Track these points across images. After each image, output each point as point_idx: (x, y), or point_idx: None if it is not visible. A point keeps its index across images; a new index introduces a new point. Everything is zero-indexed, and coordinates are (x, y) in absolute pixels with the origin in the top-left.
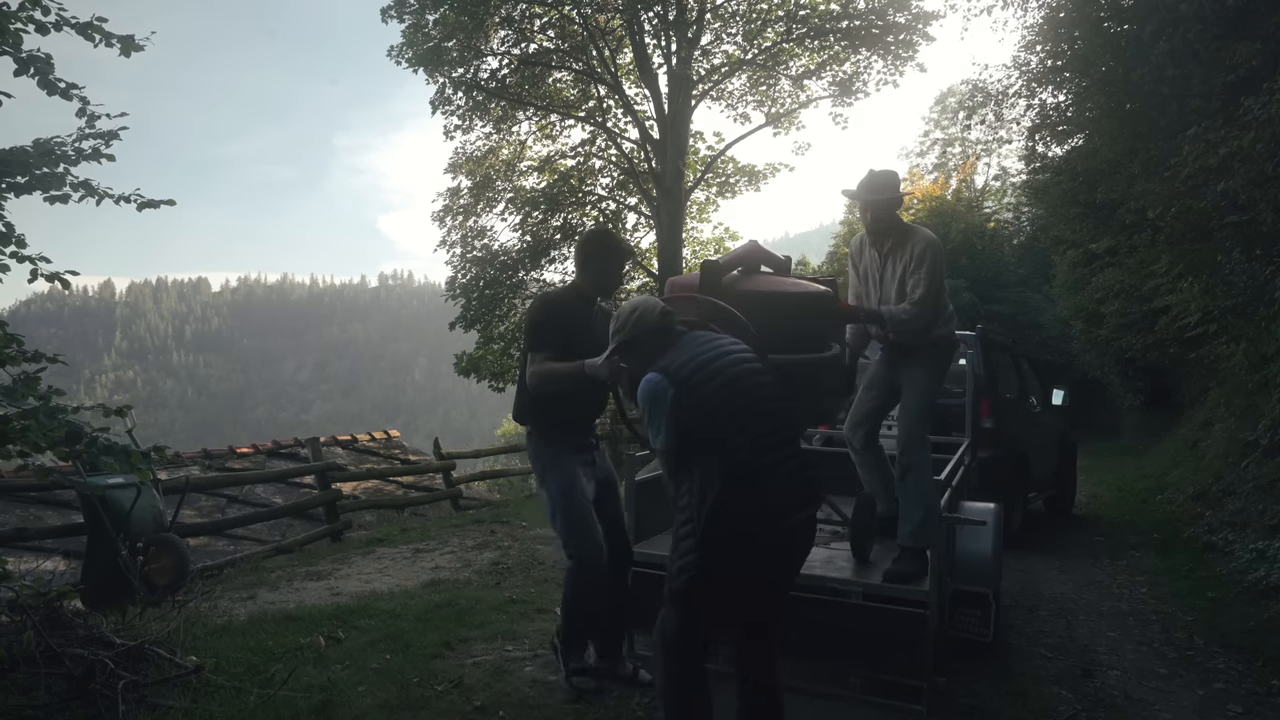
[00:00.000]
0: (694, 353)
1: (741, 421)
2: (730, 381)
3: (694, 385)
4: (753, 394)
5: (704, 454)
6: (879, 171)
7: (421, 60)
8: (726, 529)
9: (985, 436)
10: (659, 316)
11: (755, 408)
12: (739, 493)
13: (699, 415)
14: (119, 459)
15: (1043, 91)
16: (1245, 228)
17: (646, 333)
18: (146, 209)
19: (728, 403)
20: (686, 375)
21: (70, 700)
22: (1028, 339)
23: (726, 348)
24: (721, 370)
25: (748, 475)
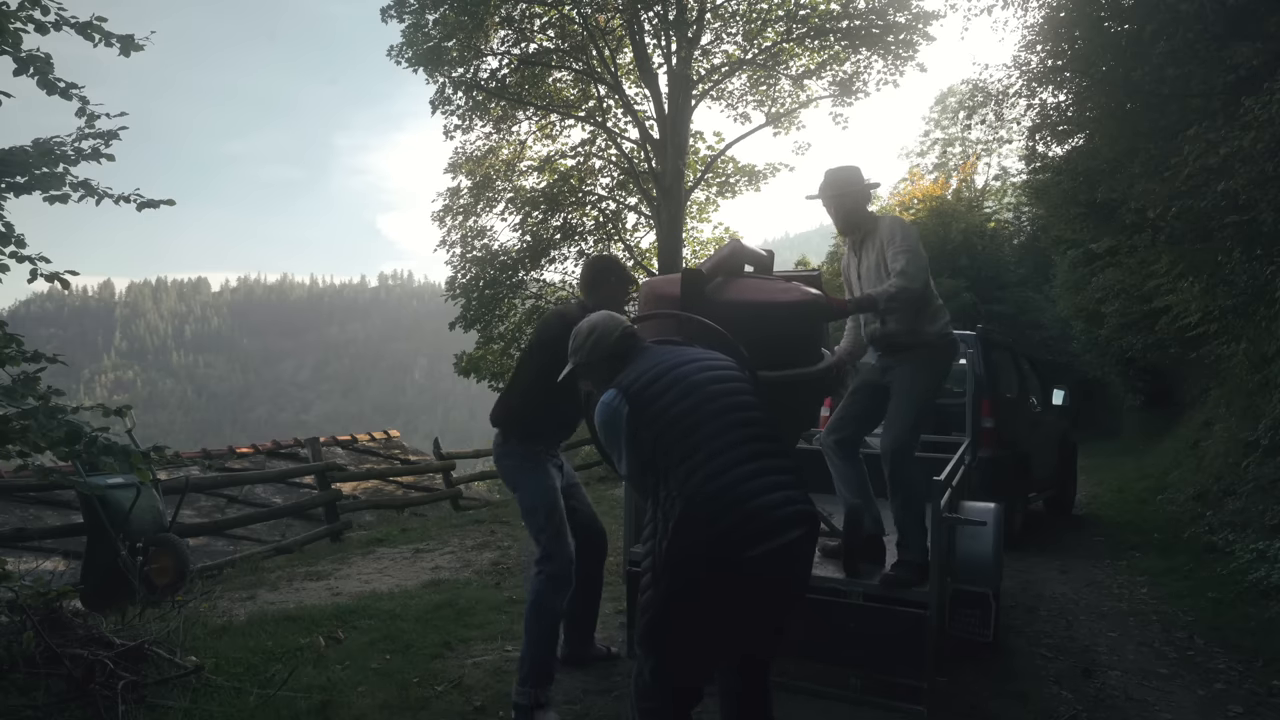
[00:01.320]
0: (653, 363)
1: (707, 431)
2: (691, 389)
3: (649, 396)
4: (720, 400)
5: (666, 473)
6: (837, 168)
7: (421, 60)
8: (684, 561)
9: (985, 436)
10: (617, 341)
11: (725, 415)
12: (699, 516)
13: (656, 428)
14: (119, 459)
15: (1043, 91)
16: (1245, 228)
17: (603, 358)
18: (146, 209)
19: (689, 411)
20: (640, 387)
21: (70, 700)
22: (1028, 339)
23: (690, 355)
24: (681, 378)
25: (714, 494)
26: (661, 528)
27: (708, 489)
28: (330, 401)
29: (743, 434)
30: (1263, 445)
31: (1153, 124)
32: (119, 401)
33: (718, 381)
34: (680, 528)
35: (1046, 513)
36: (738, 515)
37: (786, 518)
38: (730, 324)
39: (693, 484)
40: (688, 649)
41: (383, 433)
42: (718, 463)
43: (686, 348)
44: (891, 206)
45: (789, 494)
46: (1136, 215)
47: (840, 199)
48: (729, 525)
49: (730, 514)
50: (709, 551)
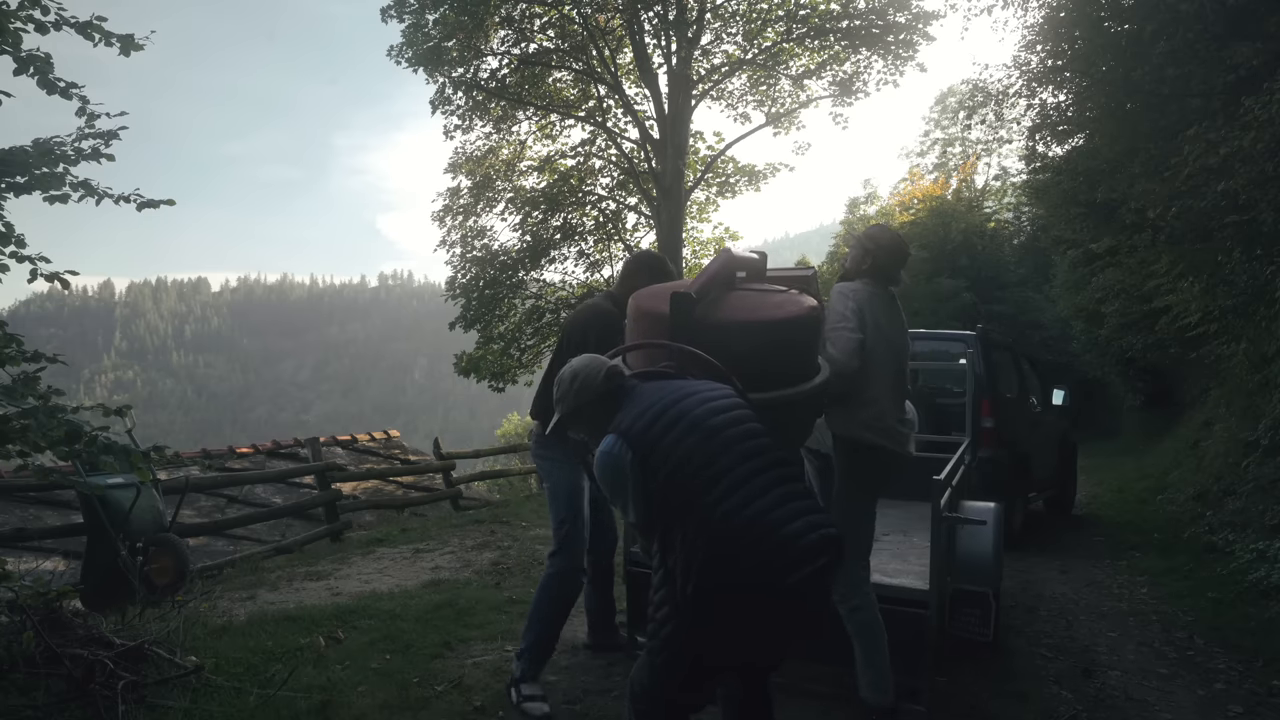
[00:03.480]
0: (649, 402)
1: (723, 464)
2: (696, 424)
3: (652, 437)
4: (728, 431)
5: (683, 514)
6: (886, 228)
7: (421, 60)
8: (715, 597)
9: (985, 436)
10: (603, 381)
11: (736, 446)
12: (728, 552)
13: (667, 469)
14: (119, 459)
15: (1043, 91)
16: (1245, 228)
17: (591, 402)
18: (146, 209)
19: (698, 448)
20: (642, 429)
21: (70, 700)
22: (1028, 339)
23: (685, 389)
24: (683, 414)
25: (742, 527)
26: (683, 570)
27: (734, 523)
28: (330, 401)
29: (759, 463)
30: (1263, 445)
31: (1153, 124)
32: (119, 401)
33: (721, 412)
34: (708, 567)
35: (1046, 513)
36: (770, 545)
37: (814, 544)
38: (724, 346)
39: (716, 521)
40: (700, 674)
41: (383, 433)
42: (740, 495)
43: (678, 381)
44: (891, 207)
45: (811, 519)
46: (1136, 215)
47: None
48: (763, 556)
49: (763, 545)
50: (743, 582)
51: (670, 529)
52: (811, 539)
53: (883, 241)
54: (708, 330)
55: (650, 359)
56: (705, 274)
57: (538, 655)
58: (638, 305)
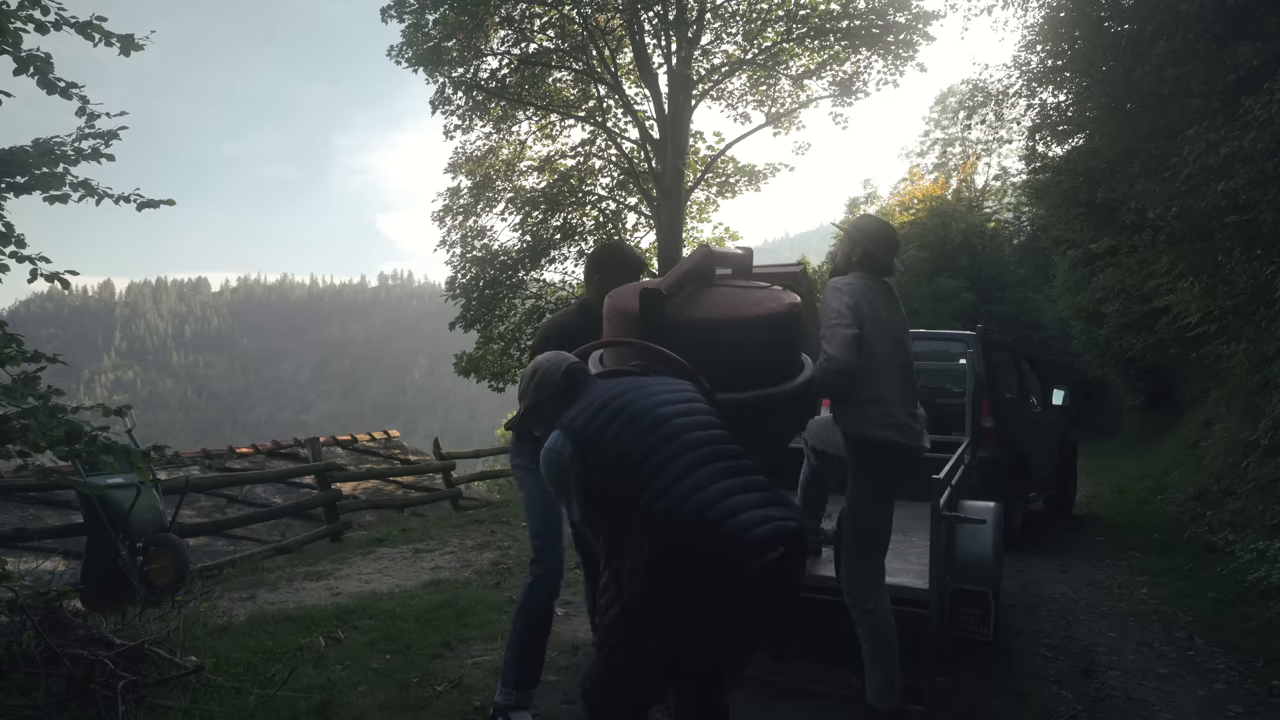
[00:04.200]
0: (594, 397)
1: (659, 460)
2: (638, 415)
3: (593, 431)
4: (672, 422)
5: (624, 511)
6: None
7: (421, 60)
8: (664, 598)
9: (985, 436)
10: (563, 376)
11: (678, 438)
12: (672, 551)
13: (606, 466)
14: (119, 459)
15: (1043, 91)
16: (1245, 228)
17: (550, 396)
18: (146, 209)
19: (636, 442)
20: (583, 424)
21: (70, 700)
22: (1028, 339)
23: (638, 384)
24: (625, 406)
25: (683, 524)
26: (630, 571)
27: (678, 518)
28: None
29: (703, 453)
30: (1263, 445)
31: (1153, 124)
32: (119, 401)
33: (668, 405)
34: (654, 567)
35: (1046, 513)
36: (716, 539)
37: (766, 536)
38: (697, 345)
39: (659, 517)
40: (652, 674)
41: (383, 433)
42: (681, 489)
43: (635, 377)
44: (891, 207)
45: (765, 511)
46: (1136, 215)
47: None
48: (711, 552)
49: (710, 540)
50: (691, 580)
51: (614, 528)
52: (763, 531)
53: (870, 230)
54: (681, 328)
55: (621, 358)
56: (679, 270)
57: (526, 676)
58: (611, 303)
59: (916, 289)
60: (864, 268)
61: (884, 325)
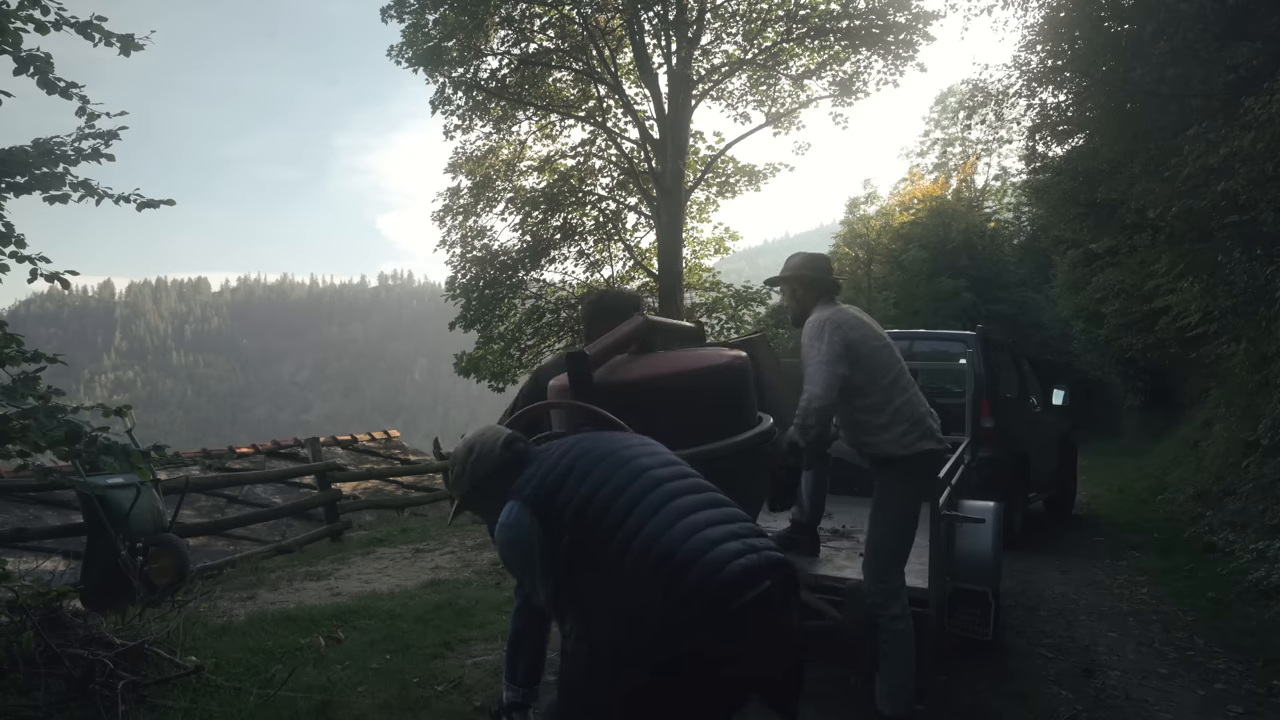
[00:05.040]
0: (544, 458)
1: (630, 496)
2: (599, 459)
3: (550, 487)
4: (637, 461)
5: (595, 569)
6: (802, 252)
7: (421, 60)
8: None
9: (985, 435)
10: (502, 449)
11: (646, 473)
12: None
13: (570, 515)
14: (119, 459)
15: (1043, 91)
16: (1245, 227)
17: (489, 474)
18: (146, 209)
19: (603, 481)
20: (539, 481)
21: (70, 700)
22: (1028, 339)
23: (587, 436)
24: (584, 453)
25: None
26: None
27: (650, 557)
28: (330, 401)
29: (674, 487)
30: (1263, 445)
31: (1153, 124)
32: (119, 401)
33: (628, 446)
34: (632, 610)
35: (1046, 513)
36: (693, 574)
37: (749, 567)
38: (632, 407)
39: (631, 557)
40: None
41: (383, 433)
42: (655, 524)
43: (586, 434)
44: (891, 207)
45: (748, 541)
46: (1136, 215)
47: (782, 280)
48: (693, 585)
49: (684, 575)
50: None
51: (584, 596)
52: (746, 561)
53: (801, 264)
54: (613, 390)
55: (568, 424)
56: (609, 337)
57: (528, 673)
58: (551, 384)
59: (916, 289)
60: (823, 299)
61: (876, 344)
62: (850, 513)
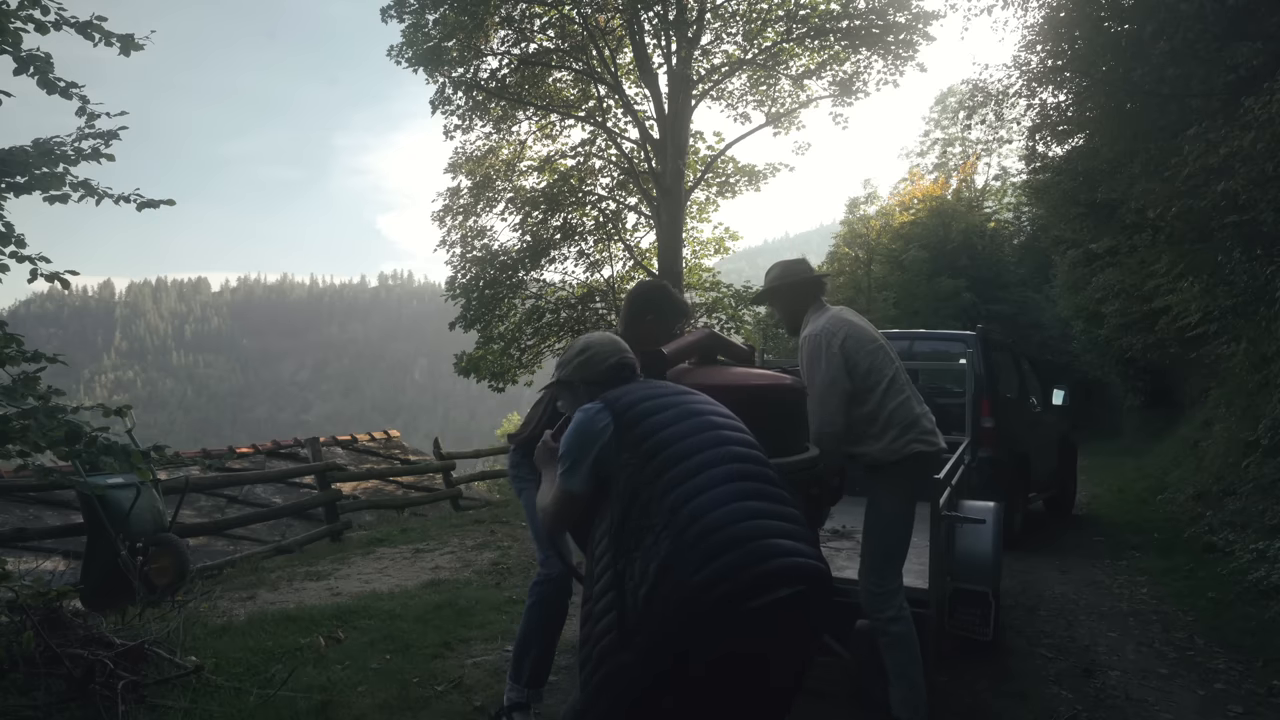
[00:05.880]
0: (643, 389)
1: (705, 458)
2: (688, 414)
3: (638, 414)
4: (721, 432)
5: (649, 503)
6: (778, 261)
7: (421, 60)
8: (673, 613)
9: (985, 435)
10: (608, 370)
11: (726, 446)
12: (691, 555)
13: (645, 448)
14: (119, 459)
15: (1043, 91)
16: (1245, 227)
17: (587, 381)
18: (146, 209)
19: (685, 435)
20: (628, 404)
21: (70, 700)
22: (1028, 339)
23: (687, 391)
24: (678, 404)
25: (711, 526)
26: (640, 572)
27: (705, 521)
28: (330, 401)
29: (745, 468)
30: (1263, 445)
31: (1153, 124)
32: (119, 401)
33: (718, 414)
34: (666, 570)
35: (1046, 513)
36: (736, 555)
37: (787, 569)
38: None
39: (683, 516)
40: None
41: (383, 433)
42: (718, 492)
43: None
44: (891, 207)
45: (796, 544)
46: (1136, 215)
47: (768, 292)
48: (725, 565)
49: (728, 552)
50: (701, 596)
51: (626, 524)
52: (786, 563)
53: (779, 273)
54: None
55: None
56: (682, 341)
57: (534, 674)
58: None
59: (916, 289)
60: (813, 303)
61: (870, 346)
62: (850, 513)
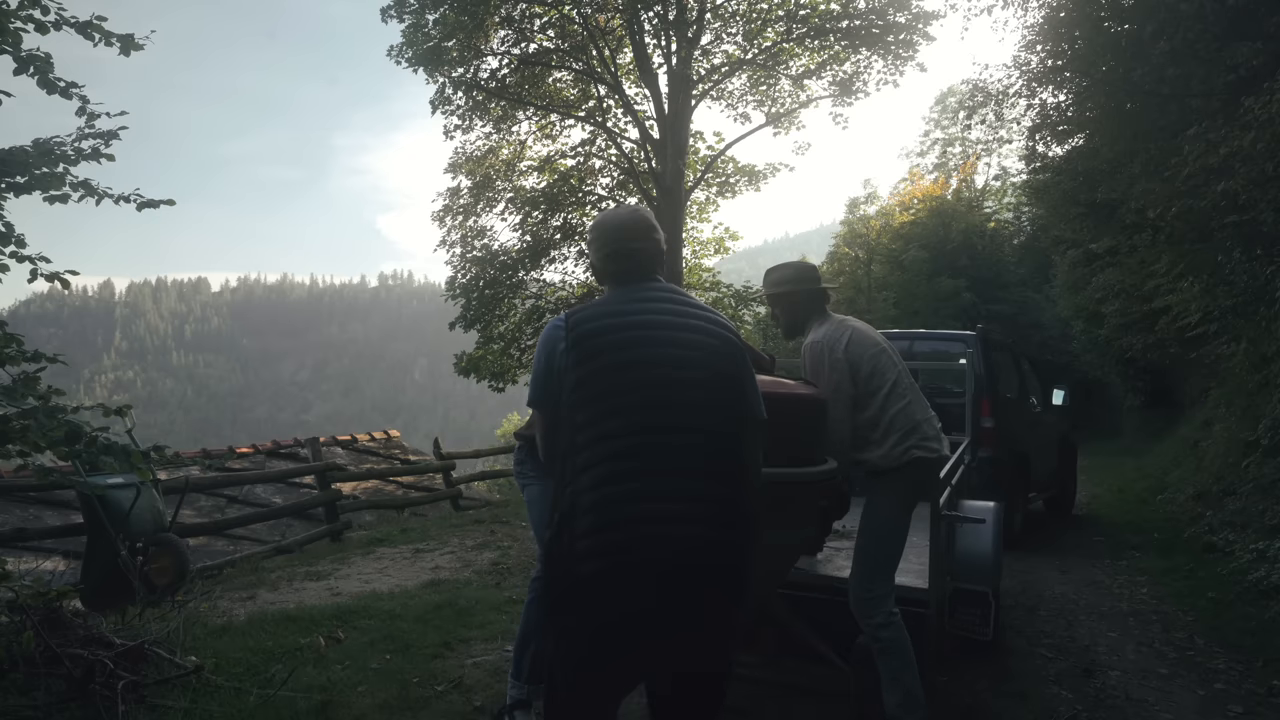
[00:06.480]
0: (618, 301)
1: (624, 403)
2: (631, 344)
3: (586, 339)
4: (659, 371)
5: (570, 443)
6: (785, 263)
7: (421, 60)
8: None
9: (985, 435)
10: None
11: (658, 394)
12: (578, 515)
13: (572, 381)
14: (119, 459)
15: (1043, 91)
16: (1245, 227)
17: (596, 274)
18: (146, 209)
19: (616, 372)
20: (583, 320)
21: (70, 700)
22: (1028, 339)
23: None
24: (629, 326)
25: (591, 487)
26: (554, 511)
27: (587, 481)
28: (330, 401)
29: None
30: (1263, 445)
31: (1153, 124)
32: (119, 401)
33: (677, 346)
34: (562, 524)
35: (1046, 513)
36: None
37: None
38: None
39: (580, 472)
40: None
41: (383, 433)
42: (632, 455)
43: (685, 302)
44: (891, 207)
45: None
46: (1136, 215)
47: (769, 298)
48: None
49: (603, 528)
50: (577, 567)
51: (565, 456)
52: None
53: (786, 277)
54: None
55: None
56: None
57: (537, 668)
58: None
59: (916, 289)
60: (817, 309)
61: (873, 351)
62: (850, 513)
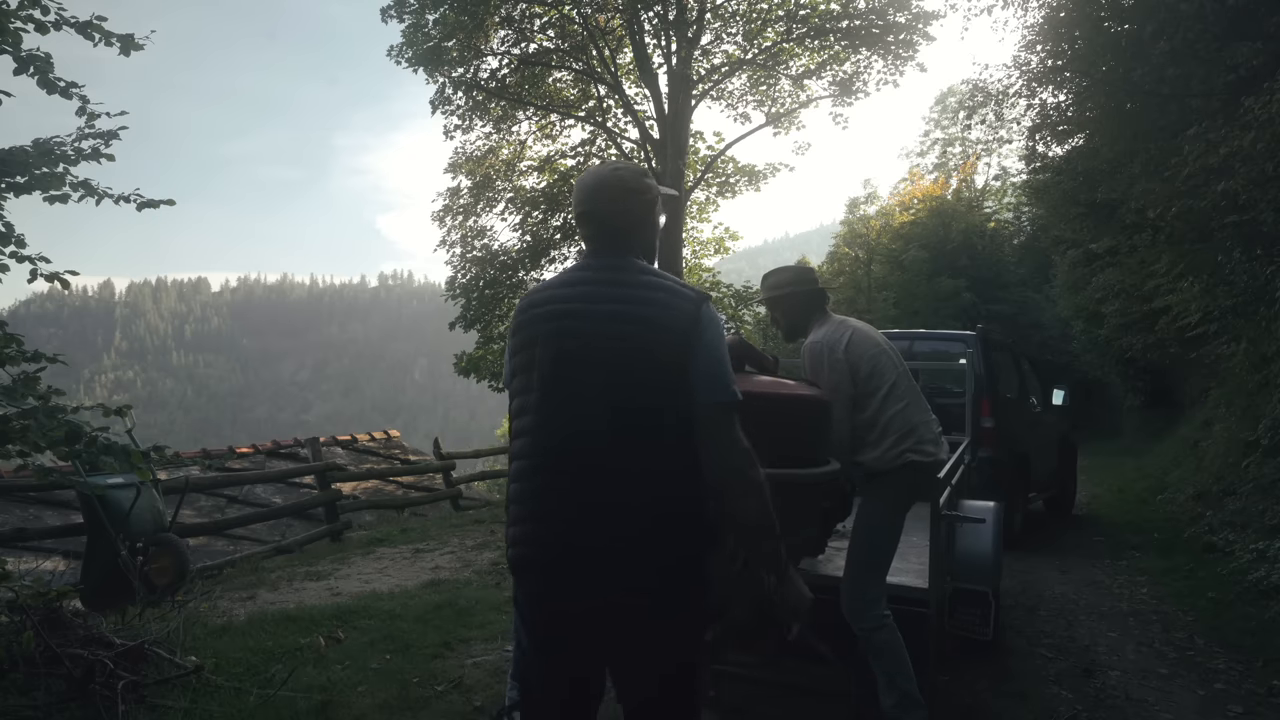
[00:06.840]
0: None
1: (530, 402)
2: (536, 320)
3: (520, 328)
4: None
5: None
6: (784, 266)
7: (421, 60)
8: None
9: (985, 435)
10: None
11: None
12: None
13: (508, 371)
14: (119, 459)
15: (1043, 91)
16: (1245, 227)
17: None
18: (146, 209)
19: (533, 363)
20: (525, 306)
21: (70, 700)
22: (1028, 339)
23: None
24: (555, 317)
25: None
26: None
27: (511, 472)
28: (330, 401)
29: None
30: (1263, 445)
31: (1153, 124)
32: (119, 401)
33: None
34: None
35: (1046, 513)
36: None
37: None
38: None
39: (510, 460)
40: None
41: (383, 433)
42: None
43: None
44: (891, 207)
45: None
46: (1136, 215)
47: (767, 300)
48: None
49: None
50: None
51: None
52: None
53: (785, 280)
54: None
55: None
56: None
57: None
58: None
59: (916, 289)
60: (817, 310)
61: (873, 351)
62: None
